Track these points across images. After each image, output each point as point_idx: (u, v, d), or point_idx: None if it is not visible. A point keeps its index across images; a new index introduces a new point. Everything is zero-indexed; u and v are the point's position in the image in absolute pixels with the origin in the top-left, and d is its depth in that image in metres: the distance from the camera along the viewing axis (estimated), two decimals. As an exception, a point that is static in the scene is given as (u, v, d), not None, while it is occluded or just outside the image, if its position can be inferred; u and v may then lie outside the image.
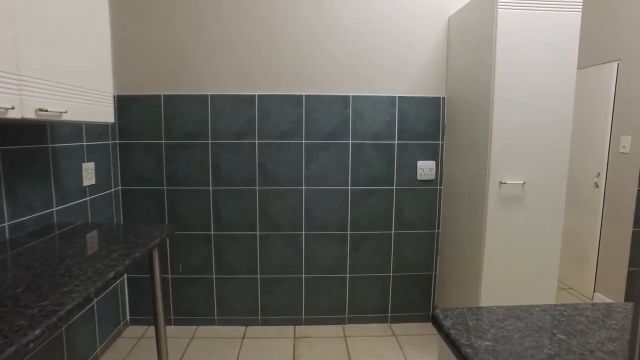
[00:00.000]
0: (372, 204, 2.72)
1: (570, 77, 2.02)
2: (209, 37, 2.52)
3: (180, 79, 2.55)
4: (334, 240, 2.73)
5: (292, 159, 2.64)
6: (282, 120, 2.60)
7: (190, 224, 2.65)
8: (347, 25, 2.56)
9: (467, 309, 0.98)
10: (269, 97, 2.58)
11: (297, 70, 2.57)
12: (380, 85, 2.62)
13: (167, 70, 2.54)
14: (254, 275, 2.72)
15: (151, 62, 2.53)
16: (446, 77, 2.64)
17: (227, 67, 2.55)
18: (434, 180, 2.73)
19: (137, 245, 1.46)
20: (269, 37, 2.54)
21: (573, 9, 1.99)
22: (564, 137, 2.05)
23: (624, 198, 3.01)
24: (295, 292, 2.75)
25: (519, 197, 2.06)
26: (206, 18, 2.51)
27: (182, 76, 2.54)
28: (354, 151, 2.67)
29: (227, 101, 2.57)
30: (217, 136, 2.59)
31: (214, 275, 2.70)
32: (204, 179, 2.62)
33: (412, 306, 2.82)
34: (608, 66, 3.11)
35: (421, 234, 2.77)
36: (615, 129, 3.08)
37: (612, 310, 1.01)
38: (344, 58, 2.59)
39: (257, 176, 2.63)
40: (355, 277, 2.77)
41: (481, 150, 2.12)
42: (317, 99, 2.60)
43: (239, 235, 2.68)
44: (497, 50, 1.97)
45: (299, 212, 2.69)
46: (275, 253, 2.71)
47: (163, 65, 2.53)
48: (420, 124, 2.67)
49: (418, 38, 2.60)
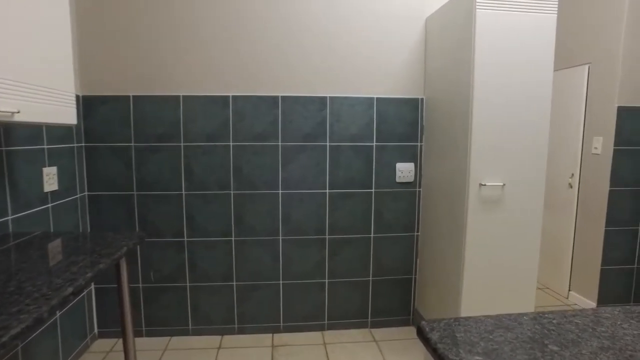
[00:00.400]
0: (350, 207, 2.67)
1: (547, 79, 2.02)
2: (180, 36, 2.42)
3: (151, 79, 2.43)
4: (312, 245, 2.66)
5: (268, 162, 2.56)
6: (258, 122, 2.52)
7: (162, 230, 2.53)
8: (324, 26, 2.50)
9: (454, 319, 0.93)
10: (243, 98, 2.50)
11: (272, 71, 2.50)
12: (358, 86, 2.58)
13: (137, 70, 2.42)
14: (229, 283, 2.62)
15: (120, 61, 2.41)
16: (424, 78, 2.62)
17: (200, 67, 2.45)
18: (413, 183, 2.70)
19: (102, 256, 1.35)
20: (243, 37, 2.45)
21: (549, 11, 1.99)
22: (542, 138, 2.05)
23: (596, 198, 3.06)
24: (273, 299, 2.67)
25: (498, 199, 2.04)
26: (178, 16, 2.41)
27: (152, 76, 2.43)
28: (331, 153, 2.61)
29: (200, 102, 2.47)
30: (189, 138, 2.49)
31: (187, 284, 2.59)
32: (176, 184, 2.51)
33: (392, 310, 2.78)
34: (579, 69, 3.16)
35: (401, 237, 2.73)
36: (588, 131, 3.13)
37: (600, 317, 0.98)
38: (321, 59, 2.53)
39: (231, 180, 2.54)
40: (334, 282, 2.71)
41: (461, 151, 2.10)
42: (294, 100, 2.54)
43: (214, 241, 2.57)
44: (476, 51, 1.95)
45: (276, 217, 2.61)
46: (251, 259, 2.62)
47: (132, 64, 2.41)
48: (398, 125, 2.64)
49: (396, 39, 2.57)
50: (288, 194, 2.60)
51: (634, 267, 3.11)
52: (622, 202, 3.01)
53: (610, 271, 3.06)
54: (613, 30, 2.92)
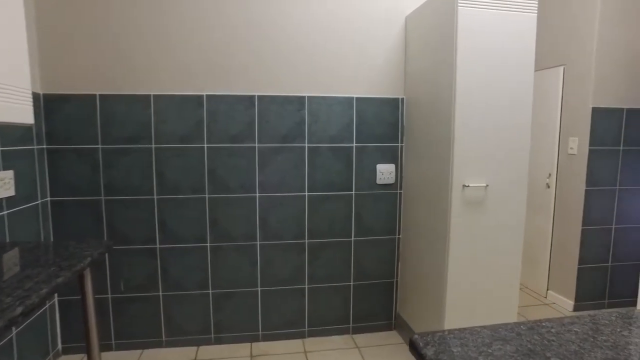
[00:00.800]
0: (330, 210, 2.59)
1: (528, 78, 2.00)
2: (151, 32, 2.29)
3: (119, 77, 2.29)
4: (291, 250, 2.57)
5: (244, 164, 2.46)
6: (233, 123, 2.42)
7: (132, 237, 2.39)
8: (302, 24, 2.43)
9: (449, 332, 0.87)
10: (218, 97, 2.39)
11: (248, 69, 2.40)
12: (337, 85, 2.51)
13: (103, 68, 2.28)
14: (205, 291, 2.50)
15: (85, 57, 2.26)
16: (404, 77, 2.58)
17: (172, 65, 2.33)
18: (394, 184, 2.65)
19: (62, 269, 1.23)
20: (218, 35, 2.35)
21: (529, 11, 1.98)
22: (524, 138, 2.03)
23: (573, 198, 3.09)
24: (251, 306, 2.57)
25: (481, 200, 2.01)
26: (148, 10, 2.28)
27: (120, 74, 2.29)
28: (310, 155, 2.53)
29: (172, 102, 2.35)
30: (161, 140, 2.36)
31: (160, 293, 2.45)
32: (147, 187, 2.37)
33: (374, 315, 2.72)
34: (555, 70, 3.19)
35: (382, 240, 2.68)
36: (564, 131, 3.16)
37: (598, 324, 0.94)
38: (299, 57, 2.45)
39: (206, 183, 2.43)
40: (314, 288, 2.63)
41: (443, 152, 2.06)
42: (271, 100, 2.45)
43: (188, 247, 2.45)
44: (458, 49, 1.91)
45: (253, 221, 2.51)
46: (227, 265, 2.51)
47: (98, 61, 2.27)
48: (379, 125, 2.59)
49: (375, 38, 2.51)
50: (265, 197, 2.50)
51: (608, 266, 3.16)
52: (598, 201, 3.04)
53: (586, 270, 3.10)
54: (586, 32, 2.96)
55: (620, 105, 3.01)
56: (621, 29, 2.93)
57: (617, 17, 2.91)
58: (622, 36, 2.94)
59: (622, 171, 3.07)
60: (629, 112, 3.03)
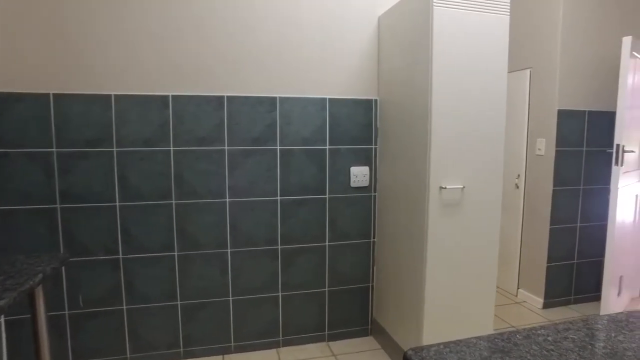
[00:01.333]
0: (303, 215, 2.52)
1: (502, 79, 2.01)
2: (112, 27, 2.14)
3: (76, 75, 2.13)
4: (264, 257, 2.48)
5: (213, 168, 2.34)
6: (201, 125, 2.30)
7: (92, 247, 2.22)
8: (272, 23, 2.34)
9: (444, 345, 0.81)
10: (185, 97, 2.27)
11: (217, 69, 2.30)
12: (310, 86, 2.44)
13: (59, 64, 2.11)
14: (173, 302, 2.36)
15: (38, 53, 2.08)
16: (378, 78, 2.54)
17: (135, 63, 2.19)
18: (368, 187, 2.60)
19: (6, 289, 1.09)
20: (185, 31, 2.23)
21: (501, 12, 1.98)
22: (498, 138, 2.03)
23: (541, 198, 3.16)
24: (222, 317, 2.45)
25: (458, 202, 1.99)
26: (109, 6, 2.13)
27: (78, 72, 2.13)
28: (282, 158, 2.45)
29: (135, 102, 2.20)
30: (123, 143, 2.21)
31: (124, 307, 2.29)
32: (108, 194, 2.22)
33: (350, 321, 2.66)
34: (522, 73, 3.26)
35: (356, 244, 2.62)
36: (531, 133, 3.23)
37: (592, 329, 0.91)
38: (270, 57, 2.36)
39: (172, 188, 2.30)
40: (288, 296, 2.54)
41: (419, 153, 2.03)
42: (241, 101, 2.35)
43: (154, 257, 2.31)
44: (434, 49, 1.88)
45: (223, 227, 2.39)
46: (197, 275, 2.38)
47: (53, 57, 2.10)
48: (352, 127, 2.54)
49: (348, 38, 2.47)
50: (236, 202, 2.40)
51: (574, 263, 3.24)
52: (564, 201, 3.12)
53: (554, 268, 3.16)
54: (550, 37, 3.03)
55: (582, 107, 3.10)
56: (582, 35, 3.02)
57: (578, 24, 3.00)
58: (582, 42, 3.03)
59: (585, 171, 3.16)
60: (590, 115, 3.13)
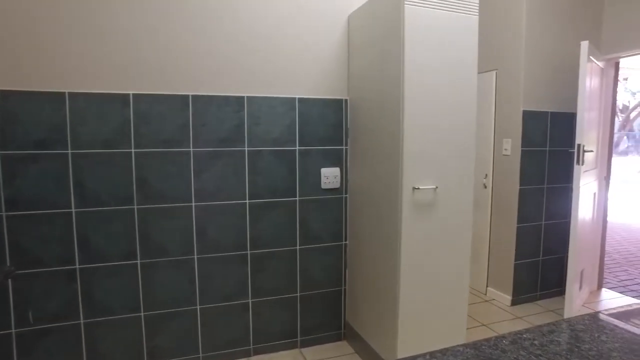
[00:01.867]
0: (273, 218, 2.44)
1: (472, 79, 2.01)
2: (68, 19, 1.99)
3: (25, 70, 1.96)
4: (233, 262, 2.38)
5: (178, 171, 2.23)
6: (165, 125, 2.19)
7: (45, 258, 2.06)
8: (241, 21, 2.26)
9: (429, 354, 0.77)
10: (147, 97, 2.14)
11: (181, 66, 2.19)
12: (279, 85, 2.38)
13: (4, 58, 1.94)
14: (136, 314, 2.23)
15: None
16: (348, 77, 2.51)
17: (92, 58, 2.04)
18: (339, 189, 2.56)
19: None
20: (147, 25, 2.11)
21: (471, 12, 1.98)
22: (469, 138, 2.04)
23: (508, 197, 3.22)
24: (190, 327, 2.33)
25: (431, 203, 1.97)
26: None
27: (27, 66, 1.96)
28: (251, 159, 2.37)
29: (92, 101, 2.06)
30: (79, 145, 2.06)
31: (81, 321, 2.14)
32: (63, 200, 2.06)
33: (323, 326, 2.60)
34: (488, 75, 3.31)
35: (328, 247, 2.57)
36: (498, 133, 3.29)
37: (576, 330, 0.89)
38: (238, 55, 2.28)
39: (134, 192, 2.17)
40: (259, 302, 2.45)
41: (392, 154, 2.00)
42: (207, 100, 2.25)
43: (114, 266, 2.17)
44: (405, 48, 1.86)
45: (189, 233, 2.28)
46: (162, 284, 2.26)
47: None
48: (322, 128, 2.49)
49: (317, 37, 2.42)
50: (202, 206, 2.29)
51: (539, 260, 3.32)
52: (530, 199, 3.20)
53: (522, 265, 3.23)
54: (515, 40, 3.10)
55: (545, 109, 3.19)
56: (543, 39, 3.11)
57: (539, 28, 3.09)
58: (544, 46, 3.12)
59: (548, 170, 3.25)
60: (552, 116, 3.23)
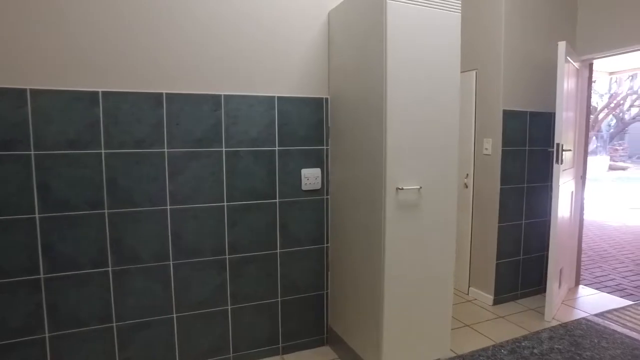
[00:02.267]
0: (252, 221, 2.36)
1: (455, 77, 1.98)
2: (28, 9, 1.86)
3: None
4: (210, 268, 2.28)
5: (151, 173, 2.12)
6: (137, 125, 2.08)
7: (5, 268, 1.91)
8: (218, 16, 2.17)
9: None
10: (117, 94, 2.03)
11: (154, 63, 2.08)
12: (257, 83, 2.29)
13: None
14: (107, 325, 2.10)
15: None
16: (328, 76, 2.44)
17: (58, 52, 1.91)
18: (320, 190, 2.49)
19: None
20: (118, 18, 1.99)
21: (453, 9, 1.95)
22: (452, 137, 2.00)
23: (489, 196, 3.22)
24: (166, 336, 2.22)
25: (415, 203, 1.93)
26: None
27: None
28: (229, 160, 2.28)
29: (58, 99, 1.93)
30: (43, 145, 1.93)
31: (46, 335, 2.00)
32: (25, 204, 1.92)
33: (305, 331, 2.53)
34: (468, 74, 3.31)
35: (309, 250, 2.50)
36: (478, 132, 3.28)
37: (574, 335, 0.84)
38: (215, 52, 2.19)
39: (105, 196, 2.05)
40: (238, 308, 2.36)
41: (375, 154, 1.94)
42: (182, 99, 2.15)
43: (83, 275, 2.04)
44: (388, 46, 1.81)
45: (164, 238, 2.18)
46: (135, 291, 2.14)
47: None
48: (302, 127, 2.42)
49: (296, 34, 2.35)
50: (178, 209, 2.19)
51: (520, 259, 3.34)
52: (511, 199, 3.20)
53: (503, 265, 3.24)
54: (494, 40, 3.10)
55: (524, 108, 3.21)
56: (522, 39, 3.13)
57: (518, 28, 3.10)
58: (523, 46, 3.14)
59: (528, 169, 3.27)
60: (531, 115, 3.25)
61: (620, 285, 3.87)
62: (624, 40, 3.05)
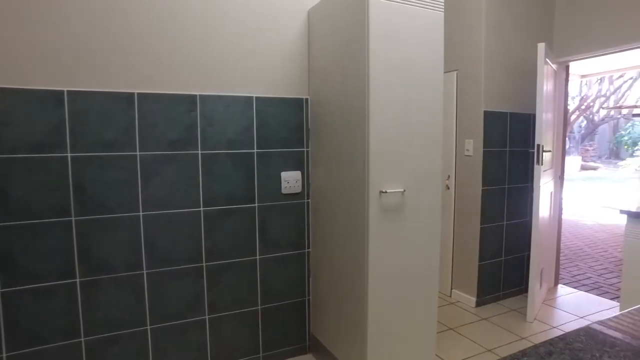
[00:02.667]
0: (230, 227, 2.26)
1: (438, 77, 1.93)
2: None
3: None
4: (187, 276, 2.18)
5: (123, 177, 2.00)
6: (107, 126, 1.96)
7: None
8: (194, 13, 2.07)
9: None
10: (85, 94, 1.90)
11: (125, 61, 1.97)
12: (234, 83, 2.20)
13: None
14: (75, 340, 1.97)
15: None
16: (308, 75, 2.37)
17: (20, 47, 1.78)
18: (300, 193, 2.42)
19: None
20: (87, 11, 1.87)
21: (437, 9, 1.91)
22: (436, 139, 1.96)
23: (471, 198, 3.20)
24: (139, 350, 2.10)
25: (399, 206, 1.87)
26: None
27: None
28: (205, 163, 2.18)
29: (20, 98, 1.79)
30: (3, 149, 1.79)
31: (4, 354, 1.86)
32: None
33: (287, 339, 2.45)
34: (449, 75, 3.29)
35: (290, 255, 2.42)
36: (460, 134, 3.27)
37: (573, 348, 0.80)
38: (190, 50, 2.09)
39: (72, 202, 1.92)
40: (216, 318, 2.26)
41: (356, 156, 1.88)
42: (155, 99, 2.04)
43: (48, 287, 1.90)
44: (370, 45, 1.75)
45: (137, 246, 2.06)
46: (106, 303, 2.02)
47: None
48: (282, 129, 2.34)
49: (275, 32, 2.27)
50: (152, 215, 2.08)
51: (502, 260, 3.34)
52: (492, 200, 3.20)
53: (485, 266, 3.23)
54: (475, 41, 3.09)
55: (505, 109, 3.21)
56: (502, 40, 3.13)
57: (498, 29, 3.10)
58: (502, 47, 3.14)
59: (509, 170, 3.28)
60: (511, 116, 3.25)
61: (597, 283, 3.93)
62: (599, 44, 3.09)
